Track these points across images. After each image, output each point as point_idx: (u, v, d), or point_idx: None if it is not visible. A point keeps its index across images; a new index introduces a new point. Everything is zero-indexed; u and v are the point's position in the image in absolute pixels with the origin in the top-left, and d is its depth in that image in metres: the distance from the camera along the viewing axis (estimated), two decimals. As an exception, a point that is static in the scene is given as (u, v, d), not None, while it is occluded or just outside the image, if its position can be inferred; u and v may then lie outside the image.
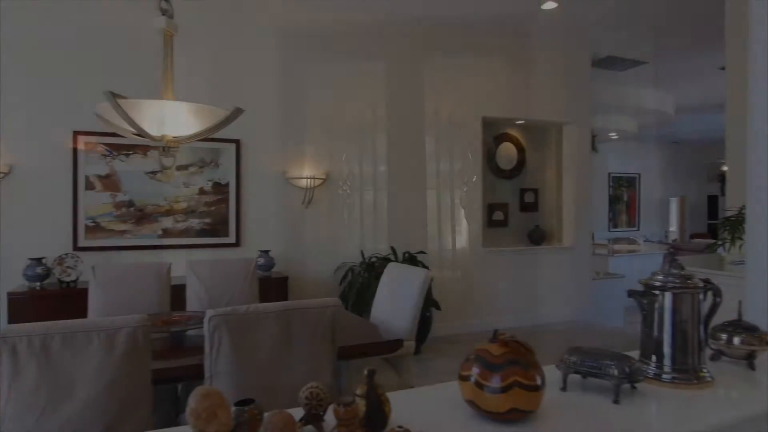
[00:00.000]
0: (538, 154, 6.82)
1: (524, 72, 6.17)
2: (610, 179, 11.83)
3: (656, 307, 1.35)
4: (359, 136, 5.36)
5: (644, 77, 7.55)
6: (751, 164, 1.68)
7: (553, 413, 1.16)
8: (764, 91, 1.63)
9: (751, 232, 1.67)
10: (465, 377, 1.11)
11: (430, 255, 5.56)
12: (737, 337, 1.44)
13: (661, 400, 1.26)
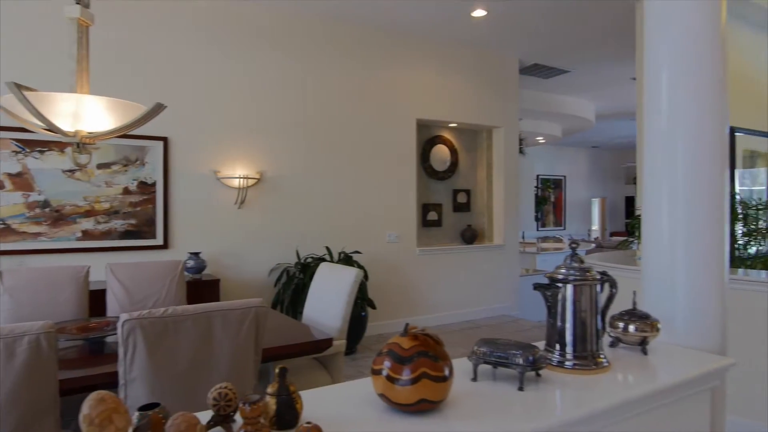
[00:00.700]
0: (470, 156, 7.04)
1: (457, 76, 6.34)
2: (539, 181, 12.38)
3: (559, 299, 1.44)
4: (295, 136, 5.31)
5: (568, 85, 7.96)
6: (645, 166, 1.82)
7: (461, 402, 1.21)
8: (656, 99, 1.78)
9: (645, 229, 1.81)
10: (377, 371, 1.14)
11: (366, 255, 5.60)
12: (632, 325, 1.57)
13: (563, 386, 1.35)
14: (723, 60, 1.76)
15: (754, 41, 5.60)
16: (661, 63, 1.78)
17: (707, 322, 1.67)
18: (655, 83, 1.78)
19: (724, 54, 1.77)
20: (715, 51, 1.74)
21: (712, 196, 1.69)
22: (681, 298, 1.70)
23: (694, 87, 1.73)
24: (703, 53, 1.73)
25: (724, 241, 1.71)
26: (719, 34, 1.76)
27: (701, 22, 1.74)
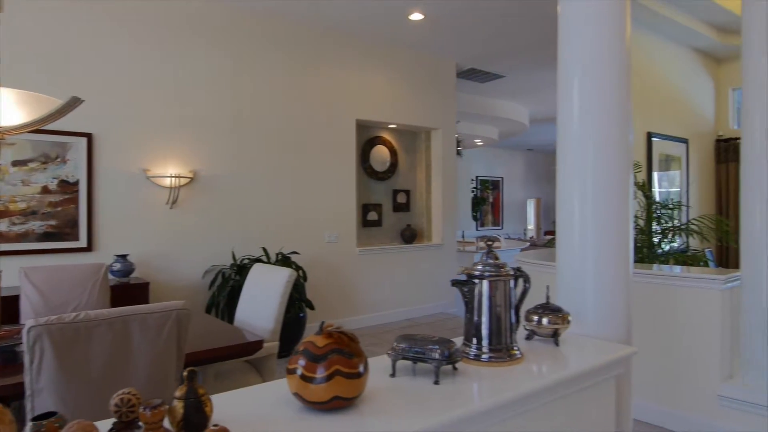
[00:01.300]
0: (409, 156, 7.13)
1: (396, 78, 6.41)
2: (478, 182, 12.71)
3: (476, 294, 1.49)
4: (230, 134, 5.19)
5: (503, 90, 8.23)
6: (558, 169, 1.92)
7: (378, 398, 1.23)
8: (568, 105, 1.88)
9: (559, 228, 1.91)
10: (291, 371, 1.14)
11: (304, 255, 5.55)
12: (545, 318, 1.64)
13: (479, 378, 1.40)
14: (628, 70, 1.89)
15: (669, 53, 6.01)
16: (573, 71, 1.89)
17: (614, 314, 1.78)
18: (567, 90, 1.88)
19: (628, 65, 1.90)
20: (622, 62, 1.87)
21: (618, 198, 1.80)
22: (590, 293, 1.80)
23: (602, 95, 1.84)
24: (610, 64, 1.85)
25: (629, 239, 1.83)
26: (625, 47, 1.88)
27: (609, 36, 1.85)
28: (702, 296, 3.10)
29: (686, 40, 6.04)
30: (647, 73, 5.67)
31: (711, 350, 3.08)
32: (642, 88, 5.56)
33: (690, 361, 3.17)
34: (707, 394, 3.09)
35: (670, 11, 5.36)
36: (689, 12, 5.50)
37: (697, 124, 6.45)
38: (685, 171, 6.15)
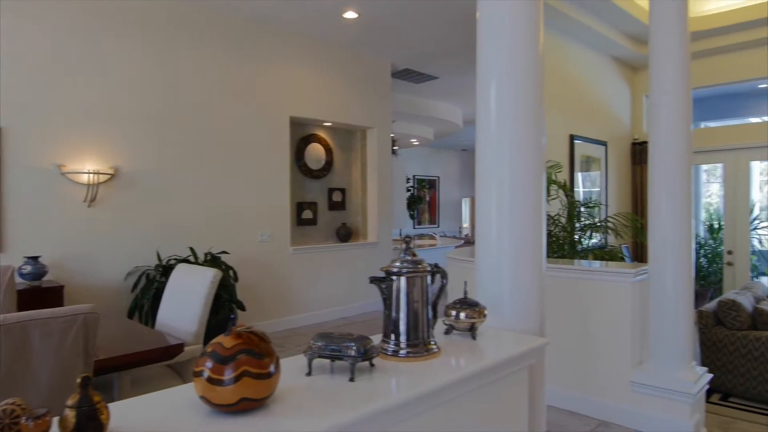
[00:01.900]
0: (345, 155, 7.11)
1: (331, 76, 6.37)
2: (415, 181, 12.88)
3: (393, 291, 1.50)
4: (156, 129, 4.96)
5: (437, 91, 8.39)
6: (477, 169, 1.99)
7: (290, 398, 1.22)
8: (486, 107, 1.95)
9: (478, 226, 1.97)
10: (198, 373, 1.10)
11: (235, 255, 5.40)
12: (463, 313, 1.69)
13: (396, 373, 1.41)
14: (541, 76, 1.98)
15: (590, 61, 6.35)
16: (490, 75, 1.96)
17: (528, 308, 1.86)
18: (485, 93, 1.96)
19: (542, 70, 1.99)
20: (535, 68, 1.95)
21: (533, 198, 1.89)
22: (507, 288, 1.87)
23: (517, 98, 1.92)
24: (525, 70, 1.93)
25: (542, 237, 1.92)
26: (538, 54, 1.97)
27: (523, 42, 1.94)
28: (614, 289, 3.30)
29: (606, 49, 6.40)
30: (571, 78, 5.96)
31: (623, 339, 3.28)
32: (565, 93, 5.85)
33: (605, 350, 3.37)
34: (620, 380, 3.29)
35: (591, 21, 5.66)
36: (607, 22, 5.84)
37: (616, 128, 6.86)
38: (604, 172, 6.52)
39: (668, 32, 3.17)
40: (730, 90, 7.25)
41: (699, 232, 7.74)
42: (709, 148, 6.61)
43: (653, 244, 3.23)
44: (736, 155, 6.54)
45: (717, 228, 7.15)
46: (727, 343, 4.26)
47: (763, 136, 6.37)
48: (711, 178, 9.62)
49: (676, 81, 3.14)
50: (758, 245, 8.02)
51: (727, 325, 4.28)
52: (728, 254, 6.62)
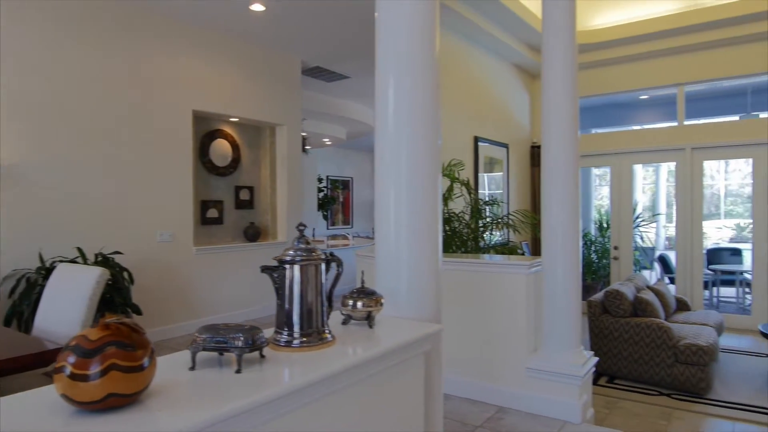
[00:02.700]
0: (253, 152, 6.91)
1: (238, 70, 6.16)
2: (328, 181, 12.82)
3: (286, 280, 1.46)
4: (41, 120, 4.51)
5: (349, 90, 8.40)
6: (376, 166, 2.03)
7: (169, 393, 1.14)
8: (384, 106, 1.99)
9: (377, 221, 2.01)
10: (59, 370, 1.00)
11: (131, 256, 5.05)
12: (360, 302, 1.69)
13: (289, 363, 1.37)
14: (437, 79, 2.06)
15: (494, 66, 6.67)
16: (388, 76, 2.01)
17: (425, 297, 1.91)
18: (383, 94, 2.01)
19: (437, 74, 2.07)
20: (432, 71, 2.03)
21: (429, 195, 1.97)
22: (405, 278, 1.90)
23: (414, 100, 1.99)
24: (423, 72, 2.01)
25: (438, 230, 2.00)
26: (434, 58, 2.05)
27: (419, 46, 2.01)
28: (511, 280, 3.47)
29: (507, 56, 6.76)
30: (476, 82, 6.22)
31: (519, 328, 3.46)
32: (471, 96, 6.10)
33: (503, 339, 3.53)
34: (517, 367, 3.47)
35: (493, 29, 5.95)
36: (508, 30, 6.16)
37: (516, 132, 7.26)
38: (506, 173, 6.87)
39: (558, 43, 3.39)
40: (617, 99, 7.94)
41: (591, 230, 8.39)
42: (597, 153, 7.18)
43: (546, 239, 3.44)
44: (620, 159, 7.16)
45: (606, 227, 7.79)
46: (613, 329, 4.64)
47: (643, 142, 7.03)
48: (602, 182, 10.48)
49: (566, 89, 3.37)
50: (640, 242, 8.85)
51: (613, 313, 4.67)
52: (614, 250, 7.23)
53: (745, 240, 10.04)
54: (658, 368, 4.36)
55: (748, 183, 6.96)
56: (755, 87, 6.89)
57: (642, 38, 6.44)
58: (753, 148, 6.28)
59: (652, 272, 8.95)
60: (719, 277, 7.85)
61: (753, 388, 4.33)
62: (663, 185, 12.24)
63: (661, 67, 6.65)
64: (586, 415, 3.32)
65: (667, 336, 4.31)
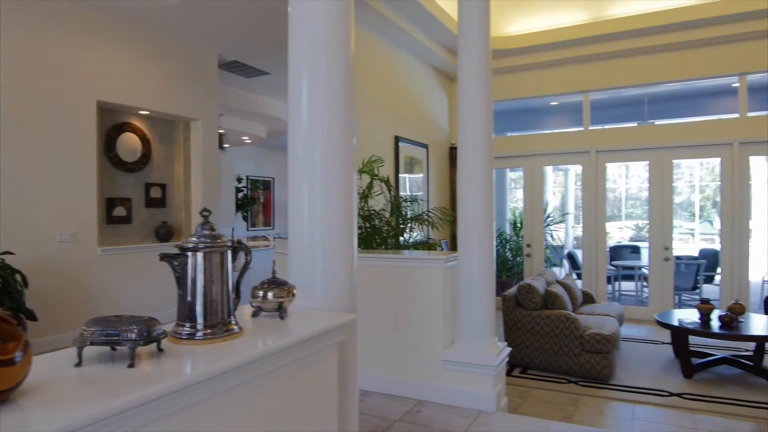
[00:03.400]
0: (165, 148, 6.55)
1: (149, 61, 5.81)
2: (248, 182, 12.45)
3: (189, 269, 1.37)
4: None
5: (269, 87, 8.21)
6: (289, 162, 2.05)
7: (46, 391, 1.02)
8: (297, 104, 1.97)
9: (291, 218, 2.00)
10: None
11: (25, 257, 4.59)
12: (270, 292, 1.62)
13: (190, 356, 1.29)
14: (352, 78, 2.06)
15: (414, 68, 6.78)
16: (302, 73, 1.99)
17: (339, 288, 1.89)
18: (297, 91, 1.98)
19: (352, 73, 2.07)
20: (346, 70, 2.03)
21: (344, 192, 1.98)
22: (319, 269, 1.86)
23: (329, 98, 1.98)
24: (338, 71, 2.01)
25: (353, 221, 1.98)
26: (349, 58, 2.05)
27: (334, 45, 2.01)
28: (428, 275, 3.53)
29: (427, 58, 6.90)
30: (397, 83, 6.30)
31: (437, 321, 3.52)
32: (392, 96, 6.16)
33: (421, 333, 3.58)
34: (434, 361, 3.52)
35: (414, 31, 6.05)
36: (428, 33, 6.30)
37: (436, 133, 7.43)
38: (426, 173, 7.01)
39: (474, 46, 3.50)
40: (530, 105, 8.36)
41: (506, 230, 8.76)
42: (512, 155, 7.52)
43: (461, 234, 3.53)
44: (533, 161, 7.54)
45: (520, 226, 8.16)
46: (525, 322, 4.86)
47: (553, 145, 7.45)
48: (516, 185, 10.99)
49: (480, 92, 3.48)
50: (551, 240, 9.36)
51: (525, 306, 4.89)
52: (527, 247, 7.59)
53: (643, 239, 10.92)
54: (566, 357, 4.61)
55: (645, 187, 7.58)
56: (651, 97, 7.53)
57: (552, 46, 6.82)
58: (649, 151, 6.84)
59: (562, 268, 9.50)
60: (620, 272, 8.48)
61: (650, 373, 4.69)
62: (572, 188, 13.06)
63: (568, 75, 7.08)
64: (500, 404, 3.44)
65: (574, 326, 4.57)
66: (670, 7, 6.13)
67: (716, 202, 13.80)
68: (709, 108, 7.47)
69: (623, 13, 6.38)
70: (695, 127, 6.74)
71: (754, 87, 6.44)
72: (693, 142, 6.61)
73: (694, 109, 7.65)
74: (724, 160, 6.45)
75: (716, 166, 9.68)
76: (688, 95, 7.72)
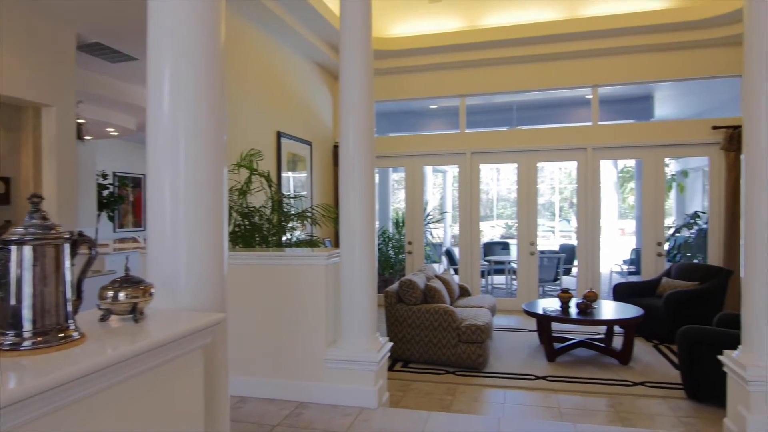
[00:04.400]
0: (10, 136, 5.70)
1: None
2: (115, 178, 11.37)
3: (13, 265, 1.15)
4: None
5: (139, 75, 7.53)
6: (148, 157, 1.93)
7: None
8: (158, 96, 1.82)
9: (150, 215, 1.84)
10: None
11: None
12: (122, 293, 1.43)
13: (16, 369, 1.07)
14: (221, 70, 1.92)
15: (297, 63, 6.64)
16: (164, 62, 1.82)
17: (208, 286, 1.74)
18: (158, 80, 1.80)
19: (222, 65, 1.93)
20: (216, 62, 1.88)
21: (213, 189, 1.83)
22: (183, 264, 1.70)
23: (196, 90, 1.83)
24: (206, 63, 1.86)
25: (223, 221, 1.85)
26: (218, 49, 1.90)
27: (202, 36, 1.85)
28: (310, 272, 3.44)
29: (311, 54, 6.79)
30: (279, 78, 6.10)
31: (318, 319, 3.44)
32: (274, 91, 5.95)
33: (303, 332, 3.48)
34: (316, 360, 3.44)
35: (298, 25, 5.90)
36: (310, 27, 6.19)
37: (320, 130, 7.34)
38: (309, 171, 6.90)
39: (356, 43, 3.48)
40: (412, 107, 8.62)
41: (389, 228, 8.94)
42: (394, 154, 7.67)
43: (343, 231, 3.49)
44: (414, 161, 7.76)
45: (402, 225, 8.37)
46: (406, 317, 4.96)
47: (433, 146, 7.74)
48: (399, 186, 11.28)
49: (363, 90, 3.47)
50: (431, 238, 9.73)
51: (406, 302, 4.99)
52: (409, 245, 7.80)
53: (512, 236, 11.79)
54: (444, 349, 4.78)
55: (514, 189, 8.19)
56: (519, 104, 8.14)
57: (432, 50, 7.07)
58: (517, 154, 7.38)
59: (441, 264, 9.93)
60: (493, 267, 9.07)
61: (519, 359, 5.03)
62: (449, 189, 13.75)
63: (447, 79, 7.40)
64: (382, 400, 3.45)
65: (452, 319, 4.76)
66: (535, 21, 6.66)
67: (573, 203, 15.41)
68: (568, 116, 8.27)
69: (495, 24, 6.80)
70: (556, 133, 7.41)
71: (604, 99, 7.24)
72: (554, 146, 7.25)
73: (555, 116, 8.43)
74: (579, 164, 7.15)
75: (573, 170, 10.80)
76: (550, 104, 8.48)
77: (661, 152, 6.92)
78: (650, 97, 8.26)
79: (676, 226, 8.65)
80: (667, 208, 7.61)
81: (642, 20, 6.31)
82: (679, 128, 6.96)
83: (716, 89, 7.33)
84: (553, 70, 7.04)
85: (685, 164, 9.70)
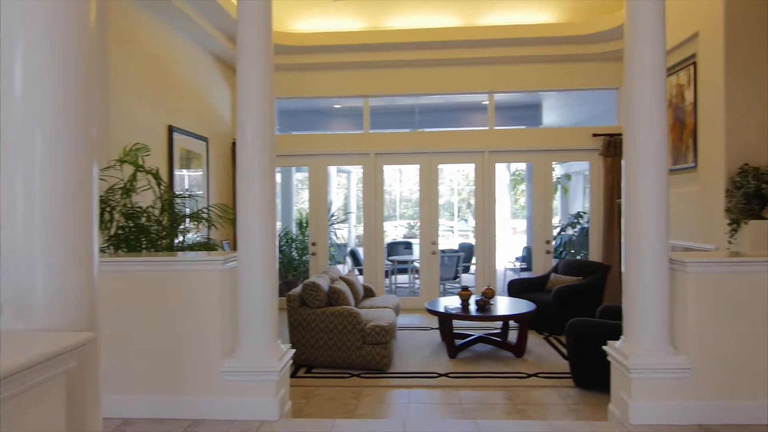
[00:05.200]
0: None
1: None
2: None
3: None
4: None
5: None
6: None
7: None
8: (10, 88, 1.52)
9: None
10: None
11: None
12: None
13: None
14: (92, 58, 1.68)
15: (193, 55, 6.20)
16: (17, 42, 1.53)
17: (72, 302, 1.49)
18: (9, 62, 1.52)
19: (93, 53, 1.69)
20: (83, 48, 1.63)
21: (78, 188, 1.60)
22: (40, 280, 1.44)
23: (53, 79, 1.57)
24: (67, 46, 1.61)
25: (92, 228, 1.61)
26: (87, 27, 1.65)
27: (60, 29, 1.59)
28: (203, 278, 3.19)
29: (207, 45, 6.39)
30: (171, 68, 5.65)
31: (213, 329, 3.20)
32: (165, 82, 5.51)
33: (195, 344, 3.21)
34: (211, 373, 3.19)
35: (193, 12, 5.50)
36: (209, 17, 5.81)
37: (218, 126, 6.94)
38: (206, 169, 6.49)
39: (254, 35, 3.25)
40: (316, 106, 8.45)
41: (292, 229, 8.69)
42: (297, 153, 7.46)
43: (241, 233, 3.26)
44: (317, 161, 7.61)
45: (305, 225, 8.17)
46: (310, 320, 4.80)
47: (337, 146, 7.64)
48: (303, 186, 11.02)
49: (263, 84, 3.25)
50: (335, 239, 9.62)
51: (310, 305, 4.84)
52: (313, 246, 7.63)
53: (415, 236, 12.02)
54: (349, 351, 4.70)
55: (416, 190, 8.34)
56: (421, 107, 8.28)
57: (335, 49, 6.97)
58: (419, 156, 7.51)
59: (345, 265, 9.86)
60: (396, 267, 9.17)
61: (422, 358, 5.08)
62: (354, 189, 13.74)
63: (350, 79, 7.33)
64: (284, 410, 3.28)
65: (356, 321, 4.68)
66: (437, 26, 6.80)
67: (470, 204, 16.11)
68: (467, 120, 8.58)
69: (398, 26, 6.86)
70: (456, 136, 7.64)
71: (499, 105, 7.59)
72: (454, 149, 7.47)
73: (456, 120, 8.70)
74: (477, 167, 7.43)
75: (470, 173, 11.27)
76: (451, 108, 8.74)
77: (549, 156, 7.39)
78: (539, 105, 8.81)
79: (562, 225, 9.32)
80: (553, 209, 8.15)
81: (535, 32, 6.69)
82: (564, 135, 7.49)
83: (595, 100, 7.99)
84: (453, 75, 7.25)
85: (569, 168, 10.50)
